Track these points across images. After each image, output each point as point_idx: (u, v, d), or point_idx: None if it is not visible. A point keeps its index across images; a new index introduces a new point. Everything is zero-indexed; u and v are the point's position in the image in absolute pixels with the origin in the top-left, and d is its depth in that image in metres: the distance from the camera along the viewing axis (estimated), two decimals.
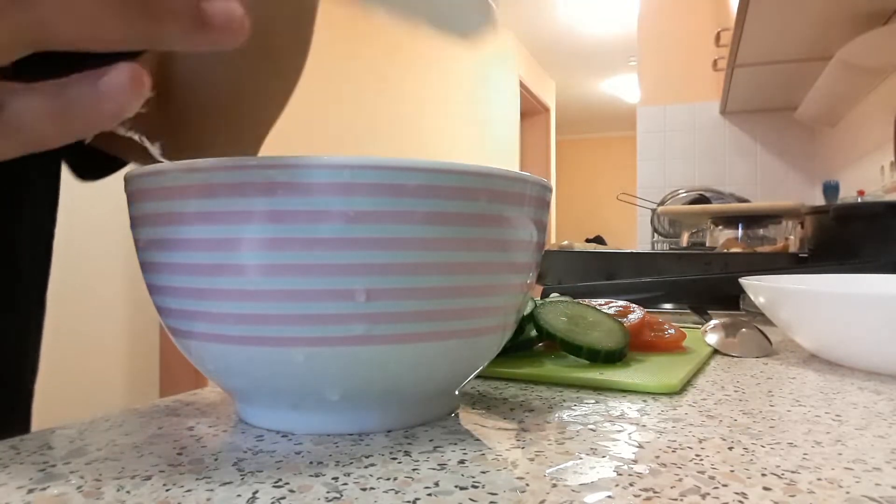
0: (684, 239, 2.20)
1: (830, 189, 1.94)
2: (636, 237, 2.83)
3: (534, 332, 0.44)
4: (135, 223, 0.28)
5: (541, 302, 0.47)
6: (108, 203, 2.21)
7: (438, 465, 0.25)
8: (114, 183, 0.51)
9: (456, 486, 0.23)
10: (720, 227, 1.78)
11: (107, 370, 2.36)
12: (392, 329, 0.26)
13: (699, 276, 0.75)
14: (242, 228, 0.25)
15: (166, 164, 0.26)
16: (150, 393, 2.55)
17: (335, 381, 0.27)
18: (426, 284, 0.26)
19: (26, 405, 0.48)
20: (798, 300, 0.45)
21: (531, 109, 5.88)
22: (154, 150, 0.29)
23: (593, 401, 0.35)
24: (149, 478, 0.24)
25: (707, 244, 1.94)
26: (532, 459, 0.25)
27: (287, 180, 0.24)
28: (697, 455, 0.26)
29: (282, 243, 0.24)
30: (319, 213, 0.24)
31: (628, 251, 0.98)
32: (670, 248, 2.28)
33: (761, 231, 1.74)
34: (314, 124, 3.19)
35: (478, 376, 0.40)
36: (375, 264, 0.25)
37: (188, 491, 0.22)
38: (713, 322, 0.53)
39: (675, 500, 0.22)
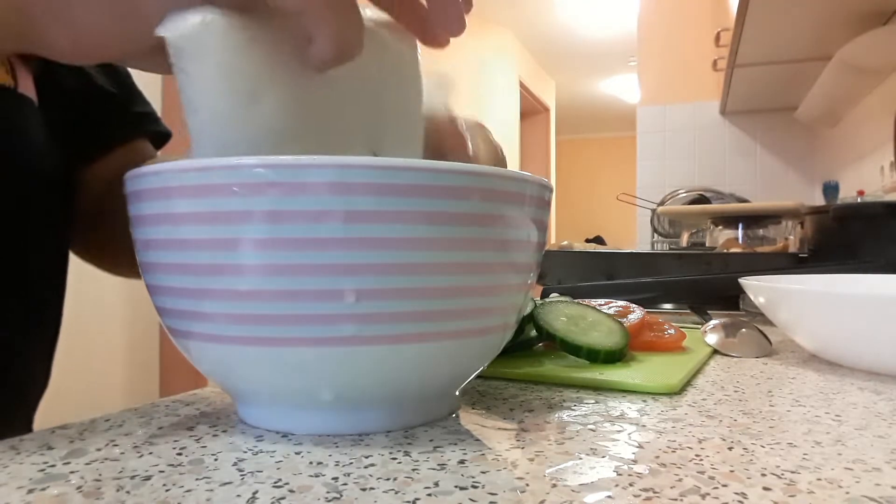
0: (684, 239, 2.20)
1: (830, 189, 1.94)
2: (636, 237, 2.83)
3: (534, 332, 0.44)
4: (134, 223, 0.28)
5: (541, 302, 0.47)
6: None
7: (438, 465, 0.25)
8: None
9: (456, 486, 0.23)
10: (720, 227, 1.78)
11: (107, 370, 2.36)
12: (386, 330, 0.26)
13: (699, 276, 0.75)
14: (239, 228, 0.25)
15: (165, 165, 0.26)
16: (150, 393, 2.55)
17: (330, 381, 0.27)
18: (422, 285, 0.26)
19: (29, 415, 0.49)
20: (798, 300, 0.45)
21: (531, 109, 5.88)
22: None
23: (593, 401, 0.35)
24: (149, 478, 0.24)
25: (707, 244, 1.94)
26: (532, 459, 0.25)
27: (282, 180, 0.24)
28: (697, 455, 0.26)
29: (277, 243, 0.24)
30: (314, 213, 0.24)
31: (628, 251, 0.98)
32: (670, 248, 2.28)
33: (761, 231, 1.74)
34: None
35: (478, 376, 0.40)
36: (369, 264, 0.25)
37: (188, 491, 0.22)
38: (713, 322, 0.53)
39: (675, 500, 0.22)
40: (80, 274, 0.52)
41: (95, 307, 2.22)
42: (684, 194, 2.48)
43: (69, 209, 0.49)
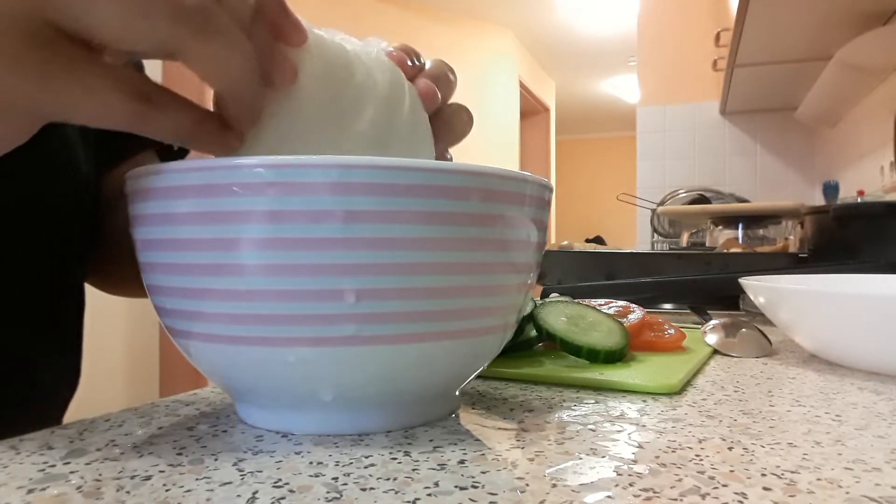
0: (684, 239, 2.20)
1: (830, 189, 1.94)
2: (636, 237, 2.82)
3: (534, 332, 0.44)
4: (134, 223, 0.28)
5: (541, 302, 0.47)
6: None
7: (438, 465, 0.25)
8: None
9: (456, 486, 0.23)
10: (720, 227, 1.78)
11: (107, 370, 2.36)
12: (386, 330, 0.26)
13: (699, 276, 0.75)
14: (239, 228, 0.25)
15: (164, 164, 0.26)
16: (150, 393, 2.55)
17: (330, 381, 0.27)
18: (422, 285, 0.26)
19: (59, 417, 0.49)
20: (798, 300, 0.45)
21: (531, 109, 5.87)
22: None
23: (593, 401, 0.35)
24: (149, 478, 0.24)
25: (707, 244, 1.94)
26: (532, 459, 0.25)
27: (282, 180, 0.24)
28: (697, 455, 0.26)
29: (277, 243, 0.24)
30: (314, 213, 0.24)
31: (628, 251, 0.98)
32: (670, 248, 2.28)
33: (761, 231, 1.74)
34: None
35: (478, 376, 0.40)
36: (369, 264, 0.25)
37: (188, 491, 0.22)
38: (713, 322, 0.53)
39: (675, 500, 0.22)
40: None
41: (96, 308, 2.22)
42: (684, 194, 2.48)
43: (94, 222, 0.50)
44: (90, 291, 0.53)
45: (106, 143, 0.51)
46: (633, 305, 0.51)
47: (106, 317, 2.34)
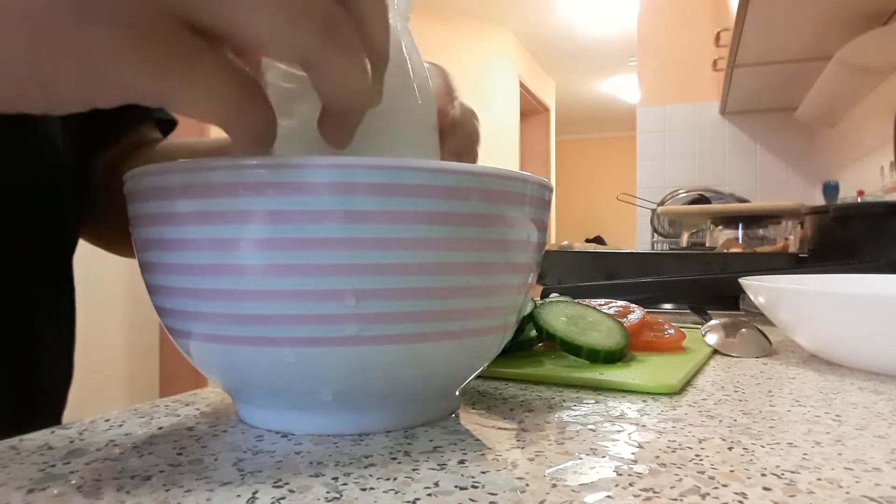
0: (684, 239, 2.20)
1: (830, 189, 1.94)
2: (636, 237, 2.82)
3: (534, 332, 0.44)
4: (134, 223, 0.28)
5: (541, 302, 0.47)
6: None
7: (438, 465, 0.25)
8: None
9: (456, 486, 0.23)
10: (720, 227, 1.78)
11: (107, 370, 2.36)
12: (386, 330, 0.26)
13: (699, 276, 0.75)
14: (238, 228, 0.25)
15: (164, 164, 0.26)
16: (150, 393, 2.55)
17: (328, 381, 0.27)
18: (420, 285, 0.26)
19: (58, 412, 0.49)
20: (798, 300, 0.45)
21: (531, 109, 5.88)
22: None
23: (593, 401, 0.35)
24: (149, 478, 0.24)
25: (707, 244, 1.94)
26: (532, 459, 0.25)
27: (281, 180, 0.24)
28: (697, 455, 0.26)
29: (275, 243, 0.24)
30: (314, 213, 0.24)
31: (628, 251, 0.98)
32: (670, 248, 2.28)
33: (761, 231, 1.74)
34: None
35: (478, 376, 0.40)
36: (370, 264, 0.25)
37: (188, 491, 0.22)
38: (713, 322, 0.53)
39: (675, 500, 0.22)
40: (81, 275, 0.52)
41: (96, 308, 2.22)
42: (684, 194, 2.48)
43: (80, 198, 0.50)
44: (91, 293, 0.53)
45: (108, 123, 0.51)
46: (633, 305, 0.51)
47: (106, 317, 2.34)
